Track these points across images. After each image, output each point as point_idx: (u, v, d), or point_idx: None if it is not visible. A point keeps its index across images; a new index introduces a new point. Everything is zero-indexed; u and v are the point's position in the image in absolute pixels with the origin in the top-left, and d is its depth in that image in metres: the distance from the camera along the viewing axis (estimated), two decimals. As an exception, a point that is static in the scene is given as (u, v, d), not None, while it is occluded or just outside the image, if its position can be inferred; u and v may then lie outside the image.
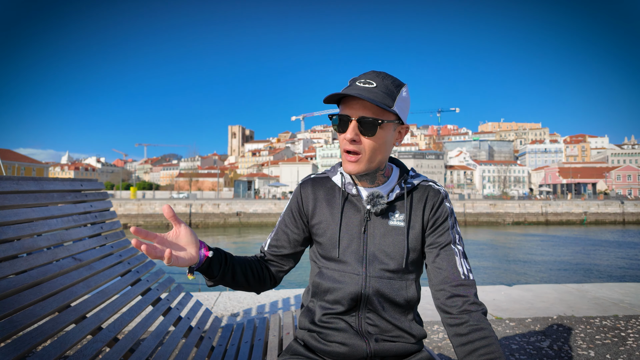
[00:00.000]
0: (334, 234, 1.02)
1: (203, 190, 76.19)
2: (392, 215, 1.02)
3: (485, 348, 0.84)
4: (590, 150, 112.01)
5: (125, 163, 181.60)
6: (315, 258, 1.09)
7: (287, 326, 1.83)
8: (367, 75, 0.95)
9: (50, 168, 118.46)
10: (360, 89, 0.91)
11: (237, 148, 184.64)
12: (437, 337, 2.66)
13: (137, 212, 32.69)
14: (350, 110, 0.93)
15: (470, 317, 0.89)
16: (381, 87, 0.92)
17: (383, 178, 1.04)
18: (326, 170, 1.13)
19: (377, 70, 0.98)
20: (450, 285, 0.94)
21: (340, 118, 0.94)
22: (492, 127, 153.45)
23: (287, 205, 1.12)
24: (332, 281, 1.01)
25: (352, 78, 0.97)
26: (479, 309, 0.91)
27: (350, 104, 0.93)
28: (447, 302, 0.93)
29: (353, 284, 0.99)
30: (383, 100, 0.90)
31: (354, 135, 0.92)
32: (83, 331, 1.20)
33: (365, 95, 0.89)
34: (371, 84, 0.92)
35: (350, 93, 0.89)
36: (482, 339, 0.86)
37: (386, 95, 0.91)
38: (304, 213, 1.08)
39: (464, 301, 0.92)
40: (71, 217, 1.52)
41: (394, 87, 0.94)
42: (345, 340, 0.98)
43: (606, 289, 4.01)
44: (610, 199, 45.78)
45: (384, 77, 0.94)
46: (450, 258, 0.97)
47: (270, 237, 1.12)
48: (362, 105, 0.91)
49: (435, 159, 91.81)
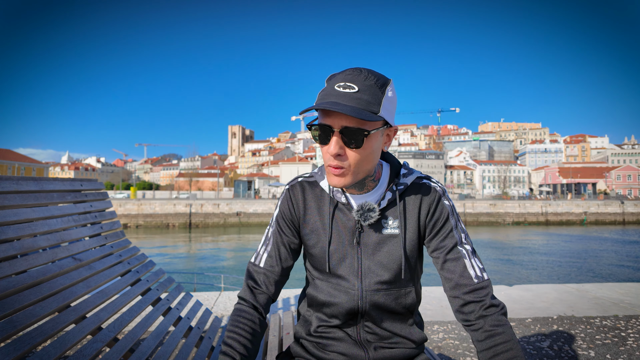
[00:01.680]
0: (325, 246, 0.96)
1: (203, 190, 76.21)
2: (385, 222, 0.94)
3: (505, 354, 0.80)
4: (590, 150, 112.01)
5: (125, 163, 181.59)
6: (310, 268, 1.03)
7: (287, 326, 1.82)
8: (347, 76, 0.82)
9: (50, 168, 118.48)
10: (339, 95, 0.79)
11: (237, 148, 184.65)
12: (437, 337, 2.66)
13: (137, 212, 32.69)
14: (330, 119, 0.80)
15: (486, 322, 0.85)
16: (364, 90, 0.79)
17: (372, 183, 0.95)
18: (313, 172, 1.03)
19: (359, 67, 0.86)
20: (463, 292, 0.89)
21: (321, 128, 0.82)
22: (492, 127, 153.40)
23: (277, 213, 1.02)
24: (327, 295, 0.97)
25: (331, 75, 0.86)
26: (496, 310, 0.86)
27: (330, 112, 0.80)
28: (463, 309, 0.89)
29: (349, 300, 0.94)
30: (368, 107, 0.79)
31: (338, 149, 0.81)
32: (83, 331, 1.19)
33: (345, 105, 0.77)
34: (352, 87, 0.79)
35: (326, 107, 0.76)
36: (502, 344, 0.82)
37: (371, 99, 0.79)
38: (295, 218, 0.99)
39: (480, 306, 0.87)
40: (71, 217, 1.51)
41: (378, 88, 0.81)
42: (344, 350, 0.96)
43: (606, 289, 4.01)
44: (610, 199, 45.77)
45: (366, 77, 0.81)
46: (459, 262, 0.91)
47: (266, 252, 0.99)
48: (343, 114, 0.79)
49: (435, 159, 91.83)
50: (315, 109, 0.83)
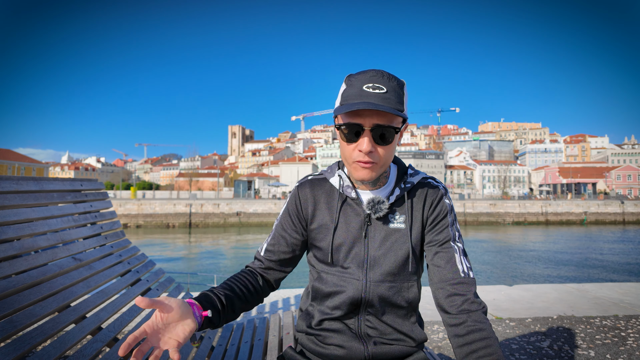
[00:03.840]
0: (335, 238, 0.99)
1: (203, 190, 76.14)
2: (392, 217, 0.99)
3: (484, 350, 0.81)
4: (590, 150, 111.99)
5: (125, 163, 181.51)
6: (314, 262, 1.06)
7: (287, 326, 1.83)
8: (373, 78, 0.87)
9: (50, 168, 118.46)
10: (373, 96, 0.85)
11: (237, 148, 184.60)
12: (437, 337, 2.66)
13: (137, 212, 32.69)
14: (362, 119, 0.86)
15: (469, 317, 0.86)
16: (391, 91, 0.86)
17: (384, 179, 1.01)
18: (323, 171, 1.09)
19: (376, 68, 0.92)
20: (449, 283, 0.92)
21: (351, 127, 0.88)
22: (492, 127, 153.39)
23: (284, 208, 1.07)
24: (333, 286, 0.99)
25: (350, 75, 0.92)
26: (478, 307, 0.88)
27: (361, 111, 0.86)
28: (446, 300, 0.91)
29: (354, 289, 0.97)
30: (396, 107, 0.86)
31: (371, 147, 0.87)
32: (83, 331, 1.19)
33: (382, 105, 0.84)
34: (381, 89, 0.86)
35: (369, 107, 0.82)
36: (481, 340, 0.83)
37: (398, 100, 0.87)
38: (302, 217, 1.04)
39: (463, 300, 0.89)
40: (71, 217, 1.52)
41: (400, 89, 0.89)
42: (343, 343, 0.97)
43: (606, 289, 4.01)
44: (610, 199, 45.75)
45: (389, 79, 0.88)
46: (449, 256, 0.95)
47: (267, 242, 1.06)
48: (376, 113, 0.85)
49: (435, 159, 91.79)
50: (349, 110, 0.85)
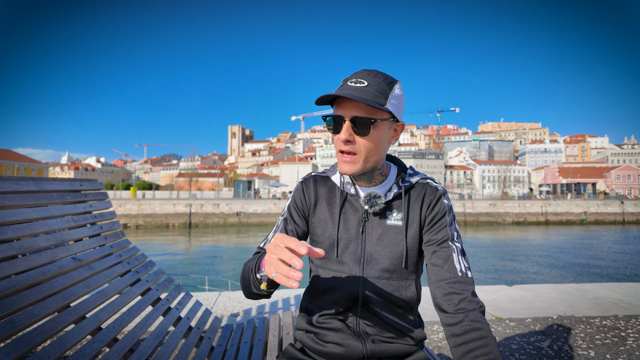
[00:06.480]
0: (332, 234, 1.02)
1: (203, 190, 76.10)
2: (389, 214, 1.01)
3: (481, 349, 0.81)
4: (590, 150, 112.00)
5: (125, 163, 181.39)
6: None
7: (287, 326, 1.83)
8: (358, 74, 0.94)
9: (50, 168, 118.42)
10: (351, 88, 0.91)
11: (237, 148, 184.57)
12: (437, 337, 2.66)
13: (137, 212, 32.68)
14: (343, 111, 0.92)
15: (466, 317, 0.86)
16: (373, 85, 0.91)
17: (381, 177, 1.03)
18: (326, 169, 1.13)
19: (369, 68, 0.96)
20: (446, 282, 0.92)
21: (334, 119, 0.94)
22: (492, 127, 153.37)
23: (289, 202, 1.11)
24: (330, 282, 1.00)
25: (344, 78, 0.96)
26: (476, 307, 0.88)
27: (343, 104, 0.92)
28: (443, 299, 0.91)
29: (350, 285, 0.98)
30: (375, 99, 0.89)
31: (347, 135, 0.92)
32: (83, 331, 1.19)
33: (356, 95, 0.88)
34: (362, 82, 0.91)
35: (340, 94, 0.88)
36: (478, 340, 0.83)
37: (378, 93, 0.91)
38: (306, 209, 1.08)
39: (460, 299, 0.89)
40: (71, 217, 1.51)
41: (386, 85, 0.93)
42: (341, 341, 0.97)
43: (606, 289, 4.01)
44: (610, 199, 45.75)
45: (375, 75, 0.93)
46: (447, 255, 0.95)
47: (272, 234, 1.09)
48: (355, 105, 0.90)
49: (435, 159, 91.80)
50: (331, 105, 0.97)
